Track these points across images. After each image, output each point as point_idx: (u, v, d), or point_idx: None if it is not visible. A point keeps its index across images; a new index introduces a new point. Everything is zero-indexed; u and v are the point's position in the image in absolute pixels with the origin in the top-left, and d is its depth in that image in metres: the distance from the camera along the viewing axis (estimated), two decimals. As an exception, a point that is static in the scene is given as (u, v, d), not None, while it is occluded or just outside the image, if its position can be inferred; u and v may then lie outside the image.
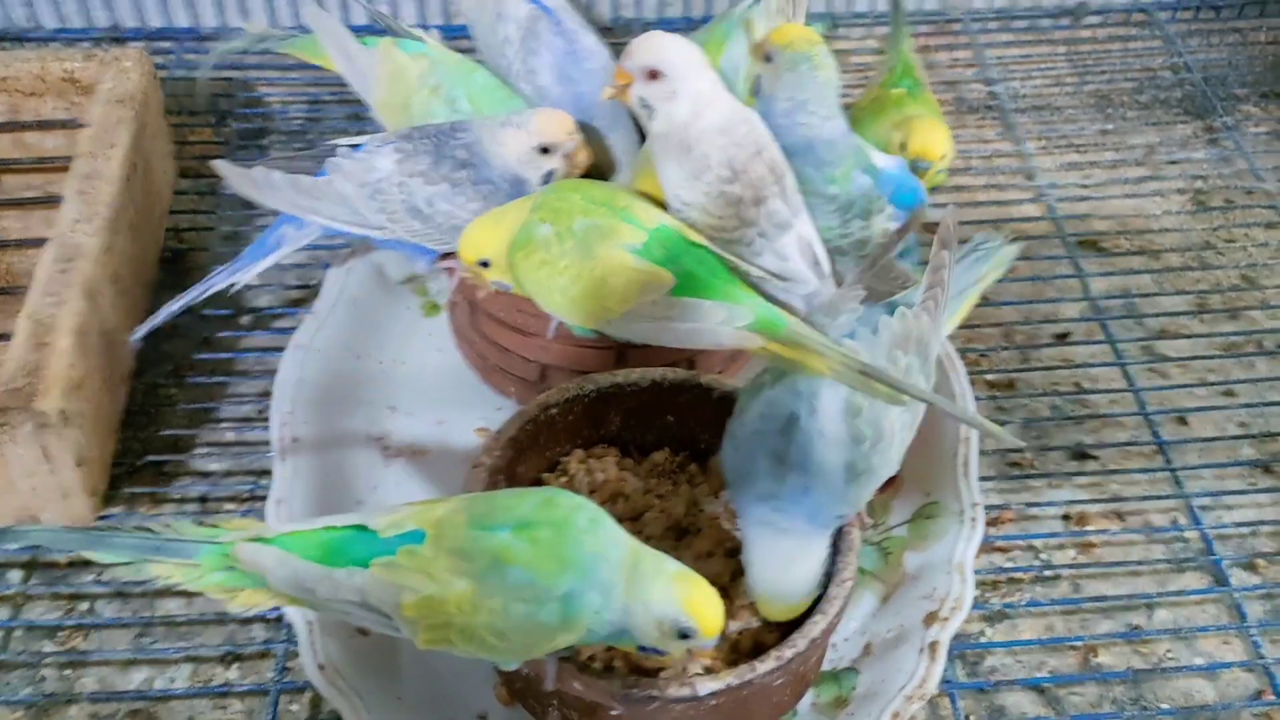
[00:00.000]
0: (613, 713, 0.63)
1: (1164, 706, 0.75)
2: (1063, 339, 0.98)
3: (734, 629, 0.69)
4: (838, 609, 0.64)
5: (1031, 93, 1.22)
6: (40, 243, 0.89)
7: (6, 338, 0.78)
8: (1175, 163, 1.15)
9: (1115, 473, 0.88)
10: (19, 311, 0.79)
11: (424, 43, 0.90)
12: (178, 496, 0.85)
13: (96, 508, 0.81)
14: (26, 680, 0.75)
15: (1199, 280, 1.04)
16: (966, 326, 0.97)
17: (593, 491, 0.75)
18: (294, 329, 0.93)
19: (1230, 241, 1.07)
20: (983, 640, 0.78)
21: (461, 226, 0.80)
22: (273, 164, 0.82)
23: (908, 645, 0.71)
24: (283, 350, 0.90)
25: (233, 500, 0.86)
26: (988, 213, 1.07)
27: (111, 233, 0.85)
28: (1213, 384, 0.95)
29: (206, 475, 0.87)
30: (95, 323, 0.81)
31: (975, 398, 0.86)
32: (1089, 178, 1.13)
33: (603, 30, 1.04)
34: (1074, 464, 0.89)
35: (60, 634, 0.78)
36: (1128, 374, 0.95)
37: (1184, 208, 1.11)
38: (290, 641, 0.76)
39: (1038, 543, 0.84)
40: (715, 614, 0.58)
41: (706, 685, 0.61)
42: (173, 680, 0.76)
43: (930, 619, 0.72)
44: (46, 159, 0.99)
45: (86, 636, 0.78)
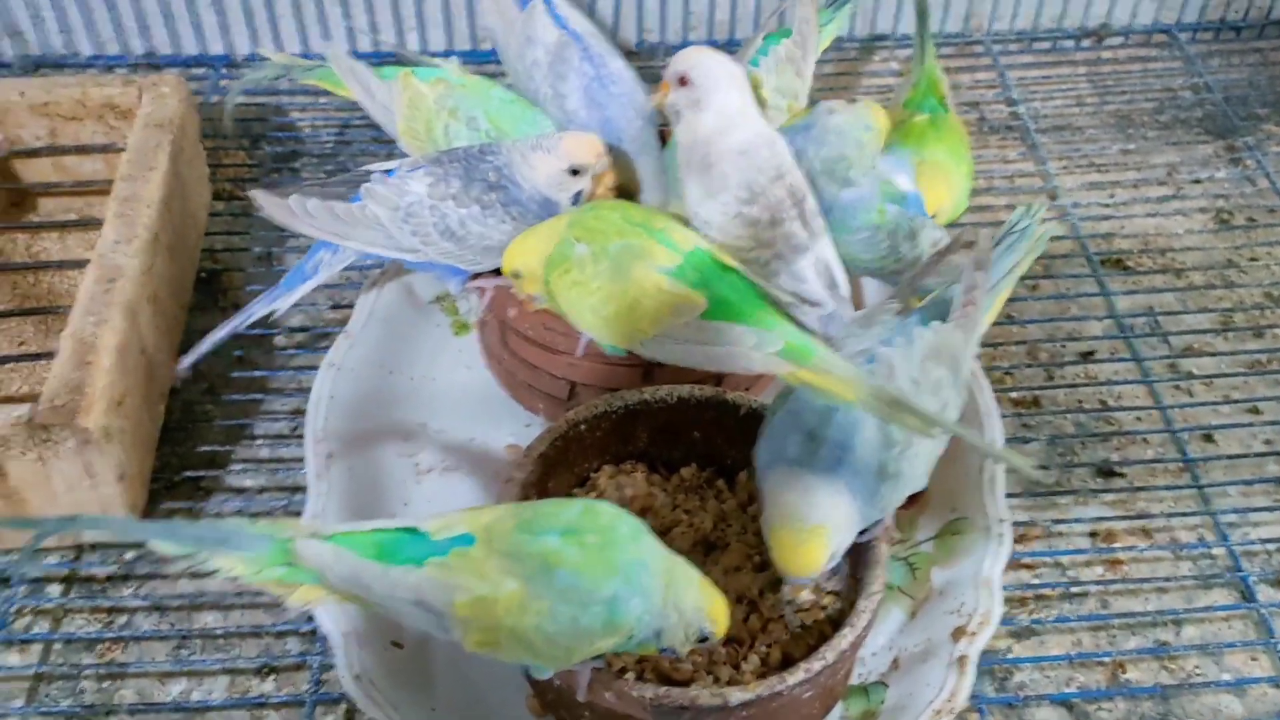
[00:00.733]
0: (643, 724, 0.64)
1: (1192, 722, 0.75)
2: (1087, 357, 0.99)
3: (763, 645, 0.70)
4: (866, 622, 0.65)
5: (1053, 113, 1.23)
6: (79, 264, 0.91)
7: (50, 356, 0.79)
8: (1197, 182, 1.16)
9: (1142, 490, 0.89)
10: (61, 330, 0.80)
11: (441, 68, 0.92)
12: (214, 512, 0.87)
13: (141, 519, 0.83)
14: (66, 692, 0.77)
15: (1222, 298, 1.04)
16: (990, 344, 0.98)
17: (621, 506, 0.76)
18: (323, 347, 0.95)
19: (1254, 260, 1.08)
20: (1011, 656, 0.79)
21: (493, 247, 0.82)
22: (307, 192, 0.84)
23: (936, 659, 0.71)
24: (313, 368, 0.92)
25: (268, 515, 0.87)
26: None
27: (150, 254, 0.87)
28: (1238, 401, 0.95)
29: (242, 491, 0.88)
30: (135, 341, 0.83)
31: (1001, 415, 0.87)
32: (1112, 197, 1.14)
33: (628, 54, 1.05)
34: (1100, 481, 0.90)
35: (99, 646, 0.79)
36: (1154, 391, 0.95)
37: (1206, 226, 1.11)
38: (325, 654, 0.77)
39: (1064, 559, 0.84)
40: (728, 619, 0.63)
41: (737, 696, 0.62)
42: (210, 692, 0.77)
43: (958, 634, 0.72)
44: (85, 182, 1.01)
45: (125, 649, 0.79)
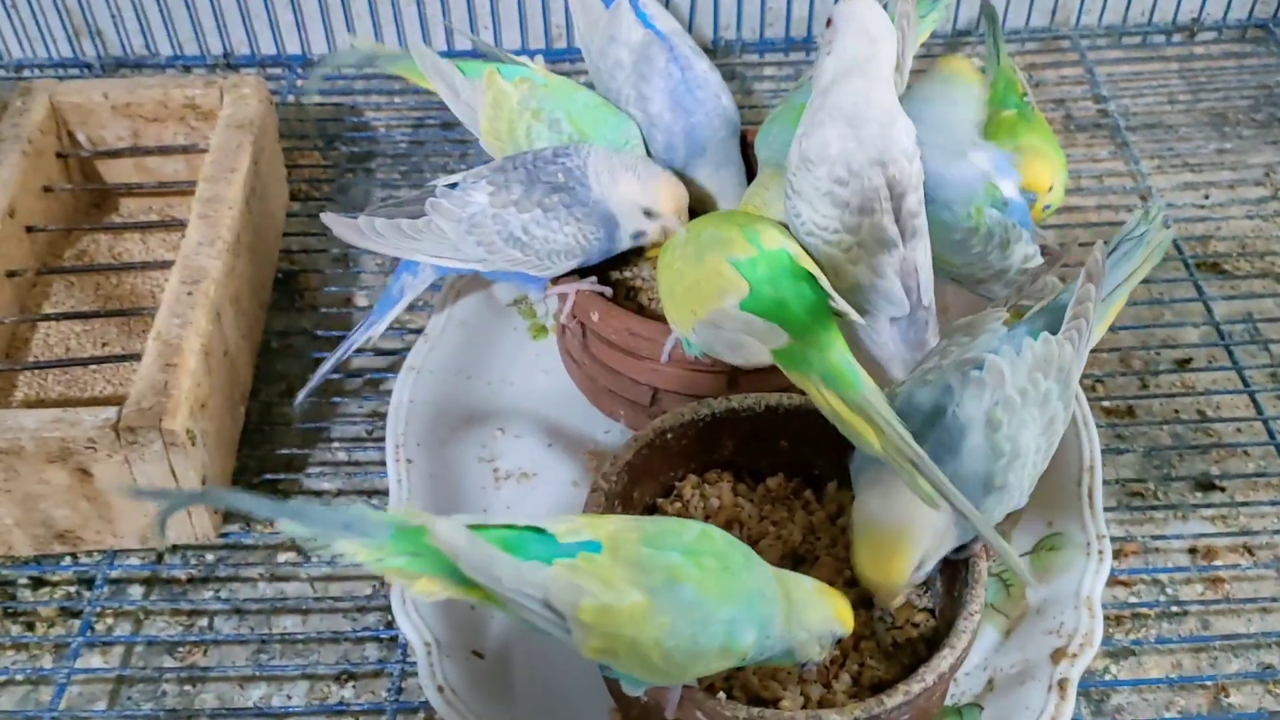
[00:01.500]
0: (733, 743, 0.62)
1: (1301, 750, 0.72)
2: (1184, 365, 0.95)
3: (855, 663, 0.68)
4: (966, 643, 0.63)
5: (1143, 110, 1.19)
6: (162, 265, 0.92)
7: (134, 358, 0.80)
8: (1296, 182, 1.11)
9: (1244, 505, 0.85)
10: (144, 332, 0.80)
11: (526, 67, 0.90)
12: (292, 515, 0.87)
13: (218, 525, 0.83)
14: (148, 696, 0.77)
15: (1326, 305, 1.00)
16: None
17: (708, 517, 0.74)
18: (402, 350, 0.94)
19: (1357, 265, 1.03)
20: (1108, 678, 0.76)
21: (558, 250, 0.81)
22: (376, 211, 0.84)
23: (1035, 682, 0.69)
24: (390, 371, 0.92)
25: (346, 519, 0.86)
26: (1102, 234, 1.04)
27: (233, 255, 0.87)
28: (1343, 413, 0.91)
29: (319, 494, 0.88)
30: (219, 343, 0.83)
31: (1095, 424, 0.84)
32: (1207, 198, 1.10)
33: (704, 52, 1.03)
34: (1199, 495, 0.86)
35: (180, 650, 0.79)
36: (1255, 401, 0.91)
37: (1307, 229, 1.07)
38: (404, 662, 0.76)
39: (1163, 577, 0.81)
40: (851, 613, 0.64)
41: (834, 718, 0.60)
42: (290, 697, 0.77)
43: (1058, 655, 0.70)
44: (167, 183, 1.02)
45: (206, 653, 0.79)
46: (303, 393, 0.89)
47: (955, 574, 0.68)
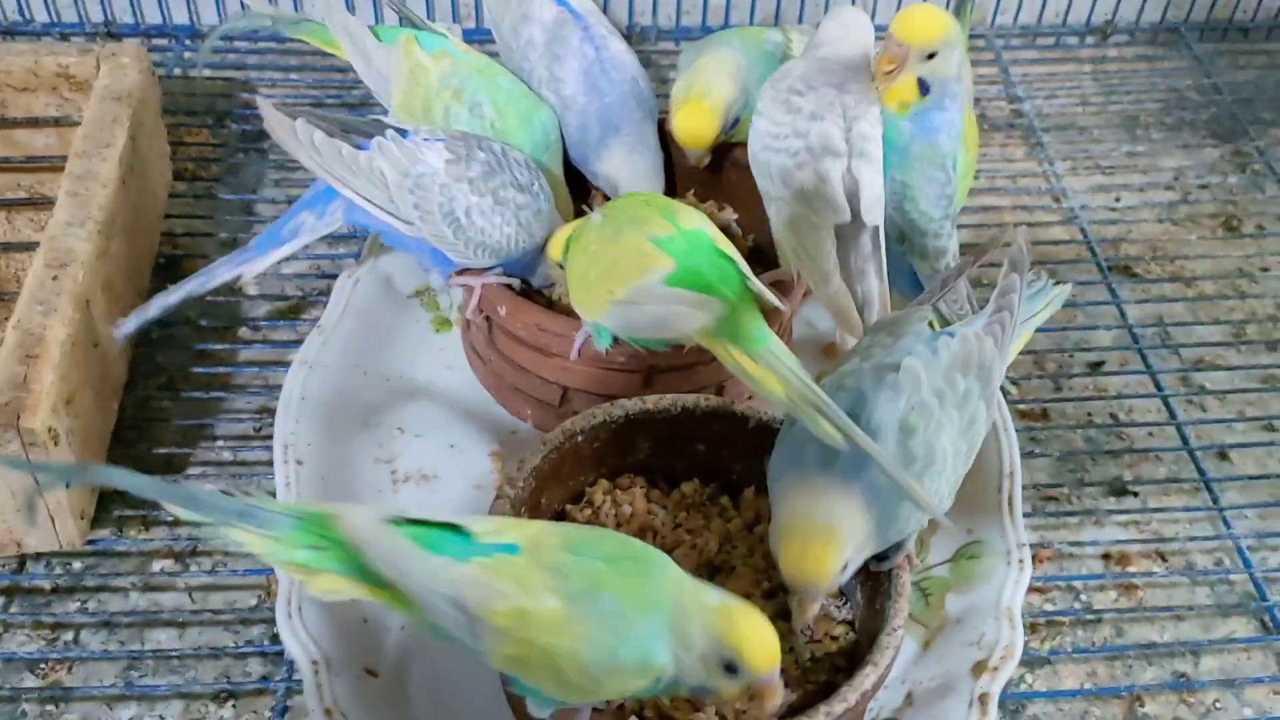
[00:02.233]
0: (644, 768, 0.58)
1: (1215, 761, 0.71)
2: (1097, 368, 0.95)
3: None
4: (889, 659, 0.60)
5: (1056, 112, 1.19)
6: (27, 247, 0.84)
7: (-8, 348, 0.73)
8: (1205, 187, 1.12)
9: (1157, 511, 0.85)
10: (4, 319, 0.74)
11: (446, 38, 0.85)
12: (169, 519, 0.80)
13: (84, 531, 0.76)
14: (6, 717, 0.70)
15: (1234, 309, 1.00)
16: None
17: (619, 525, 0.71)
18: (292, 342, 0.89)
19: (1265, 270, 1.04)
20: (1024, 689, 0.74)
21: (488, 245, 0.77)
22: (315, 121, 0.77)
23: (956, 696, 0.67)
24: (281, 364, 0.86)
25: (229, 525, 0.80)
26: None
27: (105, 237, 0.80)
28: (1253, 419, 0.92)
29: (201, 497, 0.82)
30: (86, 333, 0.76)
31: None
32: (1118, 200, 1.10)
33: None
34: (1113, 500, 0.86)
35: (42, 667, 0.72)
36: (1168, 405, 0.91)
37: (1216, 233, 1.07)
38: (290, 680, 0.71)
39: (1078, 584, 0.80)
40: (762, 644, 0.54)
41: (749, 742, 0.57)
42: (162, 718, 0.71)
43: (979, 669, 0.68)
44: (36, 158, 0.94)
45: (71, 670, 0.73)
46: (131, 319, 0.80)
47: (876, 586, 0.65)
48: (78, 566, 0.77)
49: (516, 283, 0.80)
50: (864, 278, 0.76)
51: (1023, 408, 0.91)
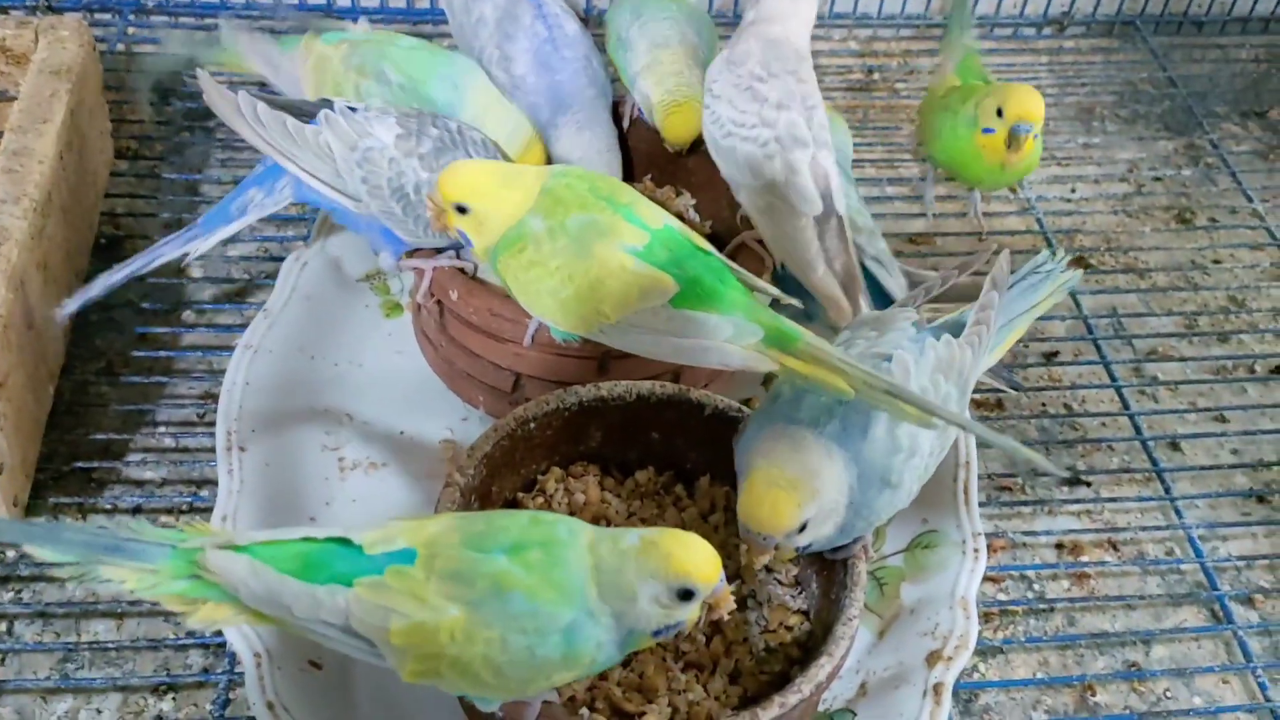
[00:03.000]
0: (595, 759, 0.57)
1: (1165, 750, 0.72)
2: (1051, 358, 0.95)
3: (726, 670, 0.64)
4: (844, 650, 0.59)
5: (1014, 102, 1.19)
6: (-40, 224, 0.81)
7: (-81, 329, 0.70)
8: (1159, 179, 1.13)
9: (1109, 501, 0.85)
10: (-66, 300, 0.71)
11: (345, 31, 0.84)
12: (108, 507, 0.78)
13: (18, 519, 0.73)
14: (-68, 711, 0.68)
15: (1186, 301, 1.01)
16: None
17: (573, 513, 0.69)
18: (238, 325, 0.86)
19: (1217, 262, 1.05)
20: (977, 678, 0.74)
21: None
22: (259, 95, 0.75)
23: (909, 686, 0.66)
24: (225, 349, 0.84)
25: (170, 512, 0.78)
26: (973, 224, 1.03)
27: (41, 216, 0.77)
28: (1204, 409, 0.92)
29: (141, 484, 0.80)
30: (20, 314, 0.73)
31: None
32: (1074, 191, 1.11)
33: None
34: (1066, 490, 0.86)
35: (-28, 659, 0.70)
36: (1121, 395, 0.91)
37: (1169, 226, 1.08)
38: (232, 672, 0.69)
39: (1031, 573, 0.80)
40: (700, 556, 0.52)
41: (702, 734, 0.56)
42: (99, 712, 0.69)
43: (933, 659, 0.67)
44: (-30, 132, 0.91)
45: (3, 662, 0.70)
46: (74, 299, 0.78)
47: (832, 576, 0.64)
48: (10, 555, 0.75)
49: (470, 266, 0.78)
50: (840, 264, 0.75)
51: (978, 397, 0.91)
